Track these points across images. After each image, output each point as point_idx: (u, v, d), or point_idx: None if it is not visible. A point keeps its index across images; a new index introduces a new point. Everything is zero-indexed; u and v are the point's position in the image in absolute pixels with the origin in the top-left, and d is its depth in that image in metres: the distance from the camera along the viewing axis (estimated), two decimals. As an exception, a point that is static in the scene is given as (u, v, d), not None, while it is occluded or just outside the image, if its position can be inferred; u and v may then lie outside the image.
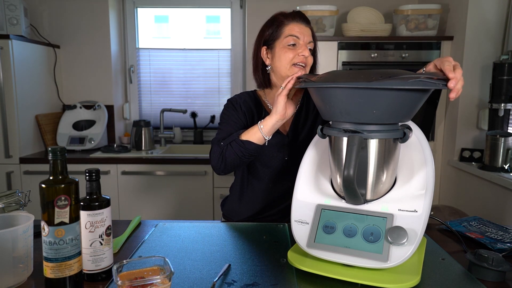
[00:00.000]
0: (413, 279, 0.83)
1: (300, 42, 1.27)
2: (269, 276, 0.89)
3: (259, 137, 1.19)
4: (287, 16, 1.29)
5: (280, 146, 1.35)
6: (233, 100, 1.40)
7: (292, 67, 1.27)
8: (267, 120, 1.18)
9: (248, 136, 1.19)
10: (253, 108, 1.38)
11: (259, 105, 1.40)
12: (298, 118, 1.39)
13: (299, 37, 1.26)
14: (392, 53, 2.39)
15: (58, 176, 0.78)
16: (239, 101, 1.39)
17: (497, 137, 1.99)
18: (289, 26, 1.28)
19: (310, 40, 1.29)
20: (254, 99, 1.41)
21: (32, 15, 2.76)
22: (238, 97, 1.40)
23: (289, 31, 1.27)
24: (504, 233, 1.13)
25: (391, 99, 0.79)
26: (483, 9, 2.20)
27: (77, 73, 2.89)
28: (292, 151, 1.35)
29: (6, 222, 0.89)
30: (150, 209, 2.50)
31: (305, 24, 1.29)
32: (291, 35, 1.26)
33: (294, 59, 1.26)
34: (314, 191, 0.98)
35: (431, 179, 0.89)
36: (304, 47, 1.26)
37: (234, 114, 1.36)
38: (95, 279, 0.87)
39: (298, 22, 1.28)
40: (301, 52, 1.25)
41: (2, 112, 2.34)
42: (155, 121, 3.08)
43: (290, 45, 1.27)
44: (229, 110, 1.37)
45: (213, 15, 3.16)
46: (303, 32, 1.27)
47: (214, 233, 1.17)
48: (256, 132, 1.19)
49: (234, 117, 1.35)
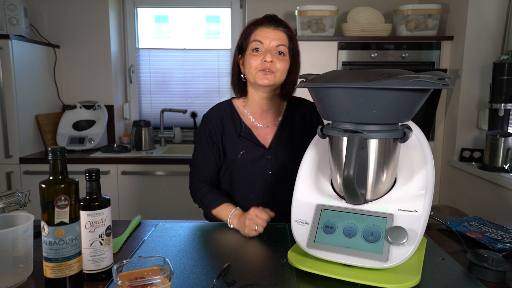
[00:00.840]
0: (413, 279, 0.83)
1: (264, 47, 1.23)
2: (269, 276, 0.89)
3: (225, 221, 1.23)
4: (256, 21, 1.27)
5: (261, 160, 1.30)
6: (210, 120, 1.35)
7: (258, 73, 1.23)
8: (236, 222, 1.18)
9: (218, 214, 1.25)
10: (230, 122, 1.34)
11: (236, 118, 1.35)
12: (282, 131, 1.34)
13: (263, 42, 1.22)
14: (392, 53, 2.39)
15: (58, 176, 0.78)
16: (215, 120, 1.35)
17: (497, 137, 1.99)
18: (255, 32, 1.25)
19: (279, 43, 1.23)
20: (231, 112, 1.36)
21: (32, 15, 2.76)
22: (215, 115, 1.36)
23: (254, 36, 1.24)
24: (504, 233, 1.13)
25: (391, 99, 0.79)
26: (483, 9, 2.20)
27: (77, 73, 2.89)
28: (275, 165, 1.30)
29: (6, 222, 0.89)
30: (150, 209, 2.50)
31: (273, 27, 1.24)
32: (255, 40, 1.23)
33: (258, 65, 1.22)
34: (314, 191, 0.98)
35: (431, 179, 0.89)
36: (268, 52, 1.22)
37: (207, 146, 1.33)
38: (95, 279, 0.87)
39: (265, 26, 1.24)
40: (265, 57, 1.21)
41: (2, 112, 2.34)
42: (155, 121, 3.08)
43: (255, 51, 1.23)
44: (203, 137, 1.34)
45: (213, 15, 3.16)
46: (268, 36, 1.23)
47: (214, 233, 1.17)
48: (225, 218, 1.22)
49: (206, 153, 1.33)
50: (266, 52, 1.22)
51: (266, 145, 1.32)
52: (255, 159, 1.30)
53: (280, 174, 1.30)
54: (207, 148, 1.34)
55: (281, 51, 1.24)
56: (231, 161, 1.31)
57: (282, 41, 1.24)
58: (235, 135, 1.32)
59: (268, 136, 1.34)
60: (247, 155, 1.30)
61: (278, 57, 1.23)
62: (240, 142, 1.31)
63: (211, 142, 1.33)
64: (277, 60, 1.23)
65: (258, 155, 1.30)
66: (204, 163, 1.34)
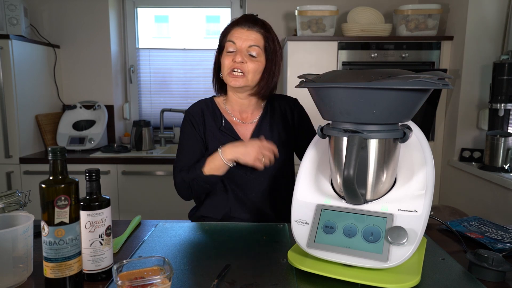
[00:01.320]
0: (413, 279, 0.83)
1: (237, 47, 1.22)
2: (269, 276, 0.89)
3: (222, 165, 1.21)
4: (233, 21, 1.26)
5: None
6: (191, 112, 1.36)
7: (229, 74, 1.24)
8: (228, 149, 1.19)
9: (211, 167, 1.22)
10: (211, 116, 1.35)
11: (217, 113, 1.36)
12: (261, 126, 1.35)
13: (235, 42, 1.22)
14: (392, 53, 2.39)
15: (58, 176, 0.78)
16: (196, 111, 1.35)
17: (497, 137, 1.99)
18: (231, 32, 1.24)
19: (252, 44, 1.22)
20: (212, 108, 1.36)
21: (32, 15, 2.76)
22: (196, 108, 1.36)
23: (229, 37, 1.24)
24: (504, 233, 1.13)
25: (391, 99, 0.79)
26: (483, 9, 2.20)
27: (77, 73, 2.89)
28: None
29: (6, 222, 0.89)
30: (150, 209, 2.50)
31: (247, 28, 1.23)
32: (229, 41, 1.23)
33: (229, 65, 1.23)
34: (314, 191, 0.98)
35: (431, 179, 0.89)
36: (239, 53, 1.21)
37: (192, 133, 1.33)
38: (95, 279, 0.87)
39: (240, 26, 1.23)
40: (235, 58, 1.21)
41: (2, 112, 2.34)
42: (155, 121, 3.08)
43: (228, 52, 1.23)
44: (187, 127, 1.34)
45: (213, 15, 3.16)
46: (241, 36, 1.22)
47: (214, 233, 1.17)
48: (218, 160, 1.20)
49: (192, 139, 1.32)
50: (237, 52, 1.22)
51: (245, 140, 1.32)
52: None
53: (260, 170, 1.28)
54: (193, 139, 1.32)
55: (253, 52, 1.22)
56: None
57: (255, 42, 1.23)
58: (216, 129, 1.33)
59: (247, 132, 1.35)
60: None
61: (250, 58, 1.23)
62: (221, 136, 1.32)
63: (195, 132, 1.33)
64: (248, 61, 1.22)
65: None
66: (190, 153, 1.32)
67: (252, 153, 1.17)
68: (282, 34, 2.85)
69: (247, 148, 1.18)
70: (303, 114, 1.42)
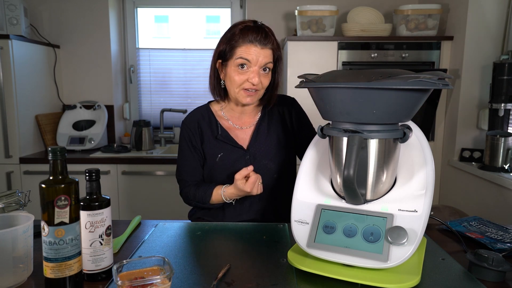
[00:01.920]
0: (413, 279, 0.83)
1: (252, 67, 1.19)
2: (269, 276, 0.89)
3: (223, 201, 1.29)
4: (244, 34, 1.18)
5: (239, 161, 1.30)
6: (187, 124, 1.36)
7: (241, 91, 1.22)
8: (229, 190, 1.24)
9: (216, 199, 1.29)
10: (207, 126, 1.34)
11: (212, 121, 1.35)
12: (260, 130, 1.33)
13: (250, 61, 1.18)
14: (392, 53, 2.39)
15: (58, 176, 0.78)
16: (192, 123, 1.34)
17: (497, 137, 1.99)
18: (242, 48, 1.18)
19: (267, 61, 1.20)
20: (208, 117, 1.35)
21: (32, 15, 2.76)
22: (192, 119, 1.36)
23: (241, 53, 1.18)
24: (504, 233, 1.13)
25: (391, 99, 0.79)
26: (483, 9, 2.20)
27: (77, 73, 2.89)
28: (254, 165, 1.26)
29: (6, 222, 0.89)
30: (150, 209, 2.50)
31: (261, 46, 1.18)
32: (241, 58, 1.18)
33: (243, 84, 1.20)
34: (314, 191, 0.98)
35: (431, 179, 0.89)
36: (255, 73, 1.18)
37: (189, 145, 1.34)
38: (95, 279, 0.87)
39: (253, 44, 1.17)
40: (251, 78, 1.18)
41: (2, 112, 2.34)
42: (155, 121, 3.08)
43: (240, 67, 1.19)
44: (184, 139, 1.35)
45: (213, 15, 3.16)
46: (256, 54, 1.17)
47: (214, 233, 1.17)
48: (220, 198, 1.28)
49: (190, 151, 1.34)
50: (254, 72, 1.19)
51: (244, 146, 1.32)
52: (234, 160, 1.30)
53: (258, 172, 1.26)
54: (189, 153, 1.34)
55: (268, 67, 1.21)
56: (211, 165, 1.32)
57: (269, 59, 1.21)
58: (212, 138, 1.32)
59: (246, 136, 1.33)
60: (225, 158, 1.31)
61: (263, 74, 1.21)
62: (218, 145, 1.32)
63: (192, 146, 1.34)
64: (262, 77, 1.21)
65: (236, 156, 1.30)
66: (189, 168, 1.35)
67: (248, 191, 1.21)
68: (282, 34, 2.85)
69: (244, 191, 1.21)
70: (301, 113, 1.41)
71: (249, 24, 1.20)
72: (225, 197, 1.27)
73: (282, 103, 1.39)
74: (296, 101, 1.43)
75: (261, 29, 1.19)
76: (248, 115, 1.36)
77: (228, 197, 1.27)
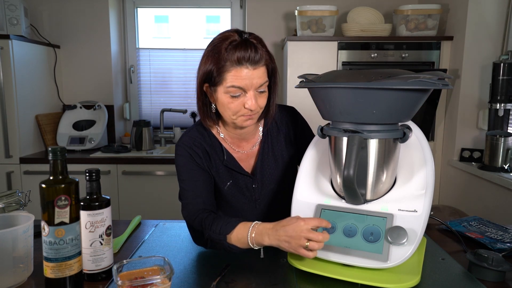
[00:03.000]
0: (413, 279, 0.84)
1: (247, 92, 1.02)
2: (269, 276, 0.89)
3: (247, 245, 0.97)
4: (231, 54, 0.98)
5: (248, 189, 1.18)
6: (190, 145, 1.14)
7: (238, 117, 1.06)
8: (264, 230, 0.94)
9: (238, 238, 0.98)
10: (212, 150, 1.16)
11: (217, 146, 1.16)
12: (264, 153, 1.20)
13: (244, 88, 1.01)
14: (392, 53, 2.39)
15: (58, 176, 0.78)
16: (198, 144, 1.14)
17: (497, 137, 1.99)
18: (232, 73, 0.99)
19: (262, 82, 1.02)
20: (209, 138, 1.16)
21: (32, 15, 2.76)
22: (195, 140, 1.15)
23: (232, 80, 1.00)
24: (504, 233, 1.13)
25: (391, 99, 0.79)
26: (483, 9, 2.20)
27: (77, 73, 2.89)
28: (262, 192, 1.19)
29: (6, 222, 0.89)
30: (150, 209, 2.50)
31: (253, 67, 0.99)
32: (234, 87, 1.00)
33: (239, 111, 1.04)
34: (314, 191, 0.98)
35: (431, 179, 0.89)
36: (251, 97, 1.02)
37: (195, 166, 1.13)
38: (95, 279, 0.87)
39: (243, 65, 0.99)
40: (248, 105, 1.02)
41: (2, 112, 2.34)
42: (155, 121, 3.08)
43: (233, 96, 1.02)
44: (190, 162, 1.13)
45: (213, 15, 3.16)
46: (249, 77, 0.99)
47: (214, 233, 1.16)
48: (244, 239, 0.97)
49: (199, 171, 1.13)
50: (249, 97, 1.02)
51: (249, 171, 1.19)
52: (241, 189, 1.18)
53: (266, 198, 1.19)
54: (199, 174, 1.13)
55: (262, 89, 1.04)
56: (218, 191, 1.18)
57: (263, 79, 1.03)
58: (220, 164, 1.16)
59: (250, 160, 1.20)
60: (234, 186, 1.17)
61: (260, 95, 1.05)
62: (225, 172, 1.17)
63: (201, 168, 1.14)
64: (259, 98, 1.05)
65: (244, 184, 1.18)
66: (203, 190, 1.12)
67: (294, 241, 0.89)
68: (282, 34, 2.85)
69: (288, 233, 0.90)
70: (304, 124, 1.28)
71: (234, 38, 1.01)
72: (253, 241, 0.95)
73: (283, 114, 1.25)
74: (296, 110, 1.30)
75: (249, 43, 1.00)
76: (249, 135, 1.20)
77: (259, 242, 0.95)
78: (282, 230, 0.90)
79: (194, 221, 1.06)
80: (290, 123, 1.24)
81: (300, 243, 0.87)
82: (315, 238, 0.86)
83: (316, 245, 0.87)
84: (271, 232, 0.92)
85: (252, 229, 0.95)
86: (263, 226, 0.95)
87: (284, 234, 0.89)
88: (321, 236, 0.87)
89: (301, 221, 0.89)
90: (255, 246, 0.96)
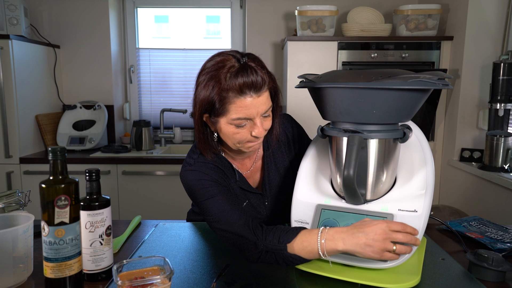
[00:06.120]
0: (413, 279, 0.84)
1: (252, 119, 0.96)
2: (269, 276, 0.89)
3: (315, 253, 0.88)
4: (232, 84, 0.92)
5: (260, 207, 1.17)
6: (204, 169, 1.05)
7: (245, 144, 1.02)
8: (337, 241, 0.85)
9: (304, 246, 0.88)
10: (225, 171, 1.10)
11: (227, 166, 1.11)
12: (268, 168, 1.17)
13: (250, 117, 0.95)
14: (392, 53, 2.39)
15: (58, 176, 0.78)
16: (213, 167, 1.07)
17: (497, 137, 1.99)
18: (236, 104, 0.93)
19: (267, 108, 0.97)
20: (220, 161, 1.10)
21: (32, 15, 2.76)
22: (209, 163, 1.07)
23: (237, 112, 0.94)
24: (504, 233, 1.13)
25: (391, 99, 0.79)
26: (483, 9, 2.20)
27: (77, 73, 2.89)
28: (272, 206, 1.18)
29: (6, 222, 0.89)
30: (150, 209, 2.50)
31: (257, 94, 0.93)
32: (240, 119, 0.95)
33: (246, 138, 1.00)
34: (314, 191, 0.98)
35: (431, 179, 0.89)
36: (258, 125, 0.97)
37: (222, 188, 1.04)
38: (95, 279, 0.87)
39: (247, 95, 0.93)
40: (255, 132, 0.97)
41: (2, 112, 2.34)
42: (155, 121, 3.08)
43: (238, 126, 0.97)
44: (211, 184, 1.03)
45: (213, 15, 3.16)
46: (255, 105, 0.94)
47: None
48: (312, 247, 0.87)
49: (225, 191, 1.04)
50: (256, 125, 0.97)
51: (258, 188, 1.18)
52: (255, 208, 1.16)
53: (275, 212, 1.19)
54: (225, 195, 1.03)
55: (266, 113, 1.00)
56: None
57: (268, 104, 0.98)
58: (234, 185, 1.12)
59: (255, 176, 1.18)
60: (249, 206, 1.15)
61: (265, 118, 1.00)
62: (241, 192, 1.14)
63: (226, 188, 1.06)
64: (264, 122, 1.00)
65: (257, 203, 1.16)
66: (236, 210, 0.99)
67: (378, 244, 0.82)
68: (282, 34, 2.85)
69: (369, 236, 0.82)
70: (300, 129, 1.26)
71: (232, 64, 0.94)
72: (324, 247, 0.86)
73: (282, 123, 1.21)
74: (291, 116, 1.27)
75: (249, 68, 0.93)
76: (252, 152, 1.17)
77: (331, 248, 0.85)
78: (361, 233, 0.83)
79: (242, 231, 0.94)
80: (287, 130, 1.21)
81: (386, 247, 0.81)
82: (403, 239, 0.80)
83: (404, 248, 0.81)
84: (346, 236, 0.84)
85: (322, 235, 0.86)
86: (334, 230, 0.87)
87: (364, 237, 0.82)
88: (409, 236, 0.80)
89: (383, 222, 0.82)
90: (325, 255, 0.86)
